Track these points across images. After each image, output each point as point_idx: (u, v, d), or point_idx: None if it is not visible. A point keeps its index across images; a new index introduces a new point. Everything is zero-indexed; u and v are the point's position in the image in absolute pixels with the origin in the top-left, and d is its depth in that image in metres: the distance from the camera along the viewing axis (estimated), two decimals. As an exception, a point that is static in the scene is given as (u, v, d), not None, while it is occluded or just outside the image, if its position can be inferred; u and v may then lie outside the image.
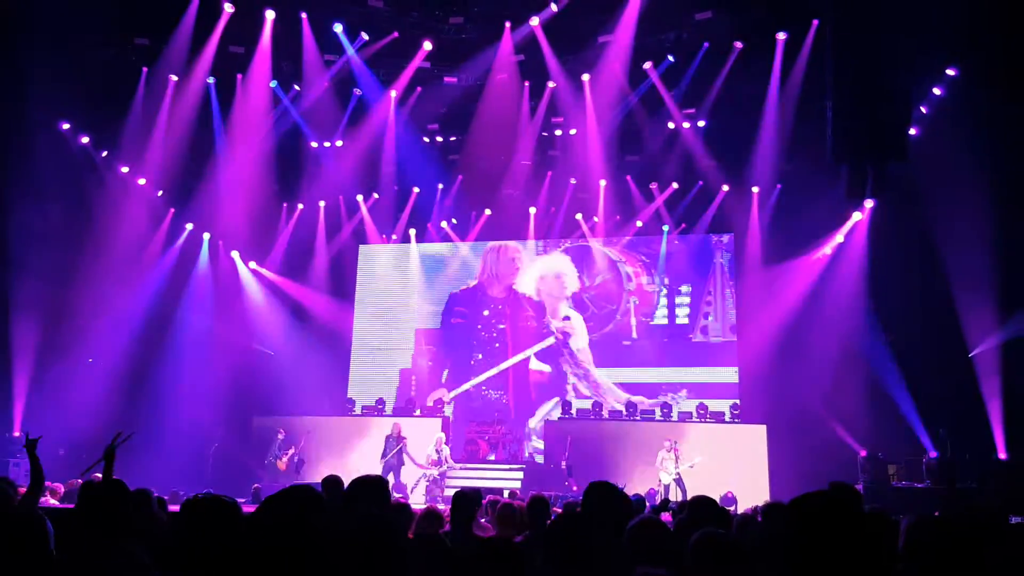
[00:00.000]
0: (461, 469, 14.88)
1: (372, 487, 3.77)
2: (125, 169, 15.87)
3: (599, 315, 17.52)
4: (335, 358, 18.40)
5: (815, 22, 13.45)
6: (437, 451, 14.66)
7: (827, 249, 16.02)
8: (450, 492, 13.50)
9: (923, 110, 13.68)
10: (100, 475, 5.81)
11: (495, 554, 2.52)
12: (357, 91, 15.96)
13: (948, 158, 12.61)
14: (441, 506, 7.07)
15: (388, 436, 14.85)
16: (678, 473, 13.68)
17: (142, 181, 16.07)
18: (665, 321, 17.22)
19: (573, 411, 16.18)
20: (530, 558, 2.59)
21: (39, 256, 13.92)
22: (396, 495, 12.08)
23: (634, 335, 17.29)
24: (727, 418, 15.29)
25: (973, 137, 12.37)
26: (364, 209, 18.64)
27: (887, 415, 13.87)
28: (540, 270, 18.36)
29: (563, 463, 14.19)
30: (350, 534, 2.30)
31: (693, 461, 13.76)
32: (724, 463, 13.98)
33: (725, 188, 16.74)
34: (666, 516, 6.49)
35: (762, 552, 3.95)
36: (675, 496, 13.14)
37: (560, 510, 6.34)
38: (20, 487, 5.81)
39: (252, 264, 18.41)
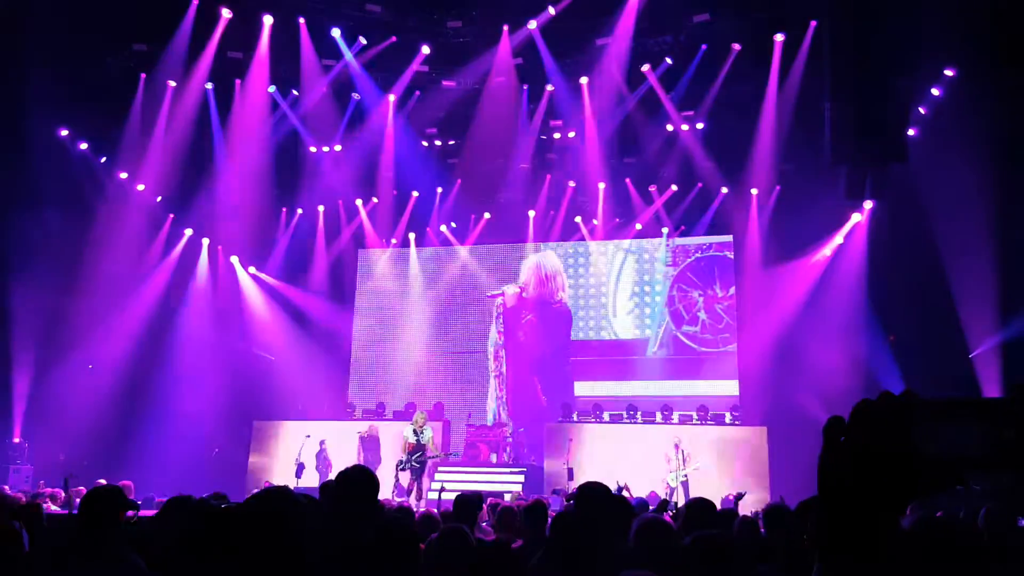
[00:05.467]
0: (461, 472, 14.70)
1: (360, 483, 3.54)
2: (124, 175, 15.88)
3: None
4: (335, 362, 18.39)
5: (813, 23, 13.47)
6: (416, 433, 12.50)
7: (827, 250, 16.00)
8: (439, 491, 13.27)
9: (922, 111, 13.68)
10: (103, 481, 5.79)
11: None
12: (356, 95, 15.98)
13: (947, 159, 12.61)
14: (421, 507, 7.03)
15: (363, 437, 14.87)
16: (685, 476, 13.66)
17: (141, 187, 16.08)
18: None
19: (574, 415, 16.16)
20: (527, 563, 2.58)
21: (38, 262, 13.94)
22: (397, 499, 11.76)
23: None
24: (728, 420, 15.27)
25: (972, 137, 12.36)
26: (363, 213, 18.64)
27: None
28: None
29: (564, 466, 14.16)
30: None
31: (696, 464, 13.75)
32: (725, 465, 13.95)
33: (724, 190, 16.73)
34: (666, 517, 6.47)
35: (764, 554, 3.95)
36: (678, 499, 13.10)
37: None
38: (17, 493, 5.82)
39: (251, 269, 18.40)
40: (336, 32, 14.64)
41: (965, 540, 2.68)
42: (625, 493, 9.96)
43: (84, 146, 15.33)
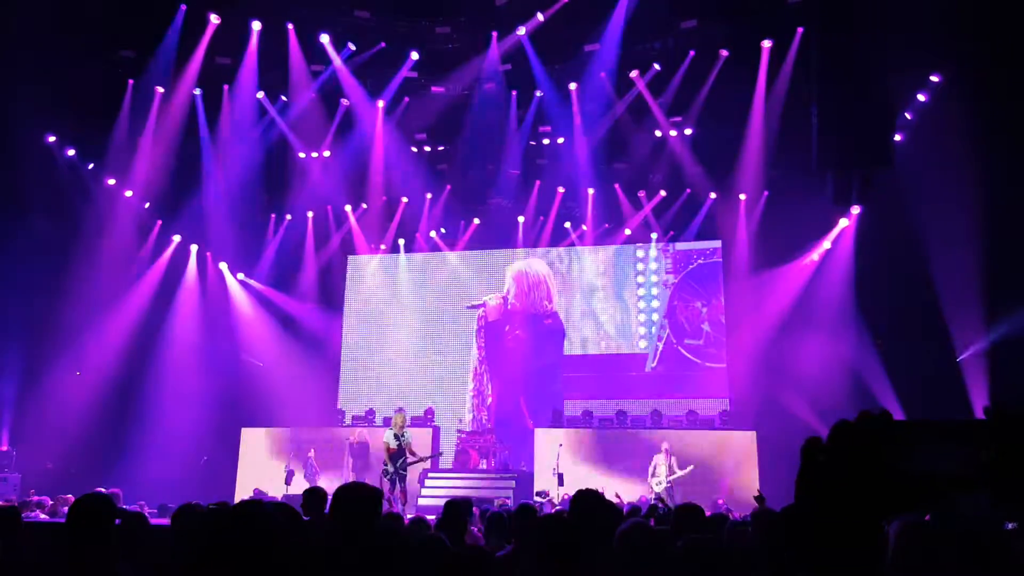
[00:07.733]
0: (452, 478, 14.67)
1: (362, 500, 3.56)
2: (112, 181, 15.82)
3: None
4: (324, 368, 18.33)
5: (800, 30, 13.55)
6: (397, 437, 11.65)
7: (815, 255, 16.09)
8: (426, 495, 13.26)
9: (908, 116, 13.78)
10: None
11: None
12: (344, 101, 15.97)
13: (933, 163, 12.70)
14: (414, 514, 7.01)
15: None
16: (670, 481, 13.66)
17: (129, 193, 16.01)
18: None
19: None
20: (516, 568, 2.58)
21: (26, 269, 13.85)
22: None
23: None
24: (716, 424, 15.30)
25: (958, 142, 12.45)
26: (352, 219, 18.61)
27: (875, 420, 13.89)
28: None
29: (553, 471, 14.13)
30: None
31: (686, 469, 13.75)
32: (714, 470, 13.97)
33: (712, 195, 16.79)
34: (653, 523, 6.47)
35: (752, 559, 3.96)
36: (666, 504, 13.09)
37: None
38: (7, 501, 5.77)
39: (240, 275, 18.34)
40: (325, 38, 14.63)
41: (948, 546, 2.70)
42: (615, 499, 9.96)
43: (71, 152, 15.26)
